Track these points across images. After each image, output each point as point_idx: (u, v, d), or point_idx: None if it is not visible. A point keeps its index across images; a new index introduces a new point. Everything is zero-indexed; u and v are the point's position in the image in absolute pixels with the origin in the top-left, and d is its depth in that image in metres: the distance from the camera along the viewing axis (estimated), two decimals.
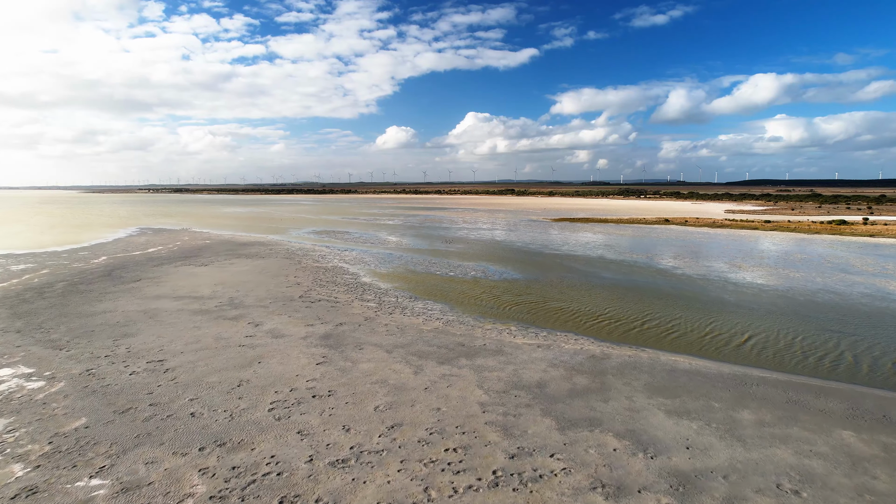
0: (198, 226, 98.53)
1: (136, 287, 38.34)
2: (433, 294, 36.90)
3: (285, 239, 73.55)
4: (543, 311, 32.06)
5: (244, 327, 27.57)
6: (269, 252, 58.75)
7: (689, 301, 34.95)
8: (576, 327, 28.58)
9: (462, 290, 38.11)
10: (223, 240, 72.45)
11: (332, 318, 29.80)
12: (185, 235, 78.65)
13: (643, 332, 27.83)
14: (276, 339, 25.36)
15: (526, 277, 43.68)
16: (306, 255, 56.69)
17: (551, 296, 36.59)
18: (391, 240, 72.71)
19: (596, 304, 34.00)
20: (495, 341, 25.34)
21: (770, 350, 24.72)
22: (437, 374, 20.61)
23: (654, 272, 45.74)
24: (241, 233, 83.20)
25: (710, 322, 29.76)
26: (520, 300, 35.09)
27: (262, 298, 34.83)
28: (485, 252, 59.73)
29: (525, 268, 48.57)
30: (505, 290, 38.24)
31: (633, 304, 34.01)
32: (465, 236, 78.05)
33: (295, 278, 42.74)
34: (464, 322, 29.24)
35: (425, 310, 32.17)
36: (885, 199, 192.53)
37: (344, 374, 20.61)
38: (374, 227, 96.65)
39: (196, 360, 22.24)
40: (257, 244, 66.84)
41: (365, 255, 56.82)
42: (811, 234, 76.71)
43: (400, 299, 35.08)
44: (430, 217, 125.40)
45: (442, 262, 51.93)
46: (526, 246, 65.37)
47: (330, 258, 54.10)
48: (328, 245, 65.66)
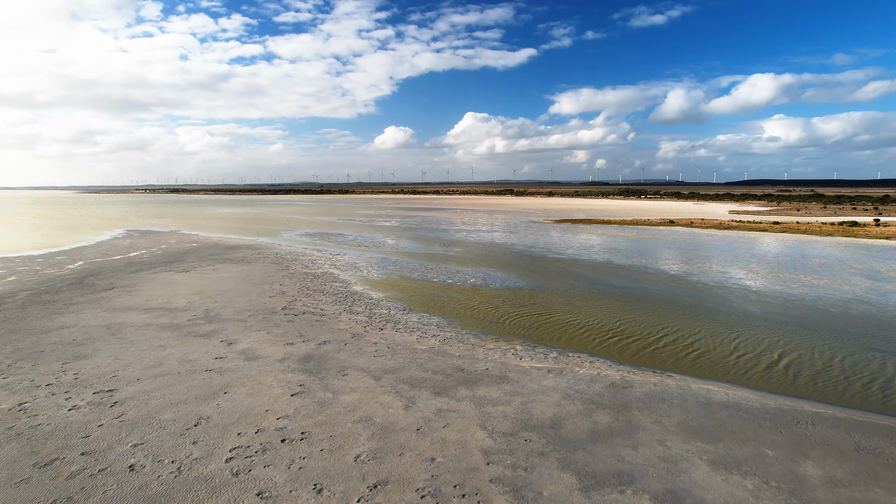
0: (187, 227, 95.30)
1: (106, 297, 35.17)
2: (429, 305, 33.78)
3: (276, 242, 70.37)
4: (551, 326, 28.96)
5: (215, 346, 24.44)
6: (257, 256, 55.58)
7: (708, 313, 31.88)
8: (589, 345, 25.48)
9: (461, 301, 35.01)
10: (211, 243, 69.26)
11: (316, 334, 26.67)
12: (172, 238, 75.44)
13: (664, 350, 24.75)
14: (249, 362, 22.23)
15: (529, 285, 40.58)
16: (295, 259, 53.54)
17: (558, 307, 33.51)
18: (386, 243, 69.59)
19: (608, 317, 30.91)
20: (499, 364, 22.23)
21: (807, 372, 21.65)
22: (431, 410, 17.50)
23: (667, 279, 42.68)
24: (230, 235, 80.00)
25: (735, 338, 26.70)
26: (524, 312, 31.99)
27: (242, 310, 31.69)
28: (485, 256, 56.64)
29: (528, 274, 45.47)
30: (507, 300, 35.16)
31: (648, 317, 30.94)
32: (463, 239, 74.95)
33: (280, 286, 39.60)
34: (463, 339, 26.12)
35: (420, 324, 29.04)
36: (889, 200, 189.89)
37: (322, 409, 17.49)
38: (369, 228, 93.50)
39: (152, 389, 19.11)
40: (245, 248, 63.66)
41: (358, 259, 53.69)
42: (824, 237, 73.73)
43: (392, 311, 31.95)
44: (428, 218, 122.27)
45: (439, 267, 48.81)
46: (528, 249, 62.27)
47: (320, 263, 50.94)
48: (320, 249, 62.51)
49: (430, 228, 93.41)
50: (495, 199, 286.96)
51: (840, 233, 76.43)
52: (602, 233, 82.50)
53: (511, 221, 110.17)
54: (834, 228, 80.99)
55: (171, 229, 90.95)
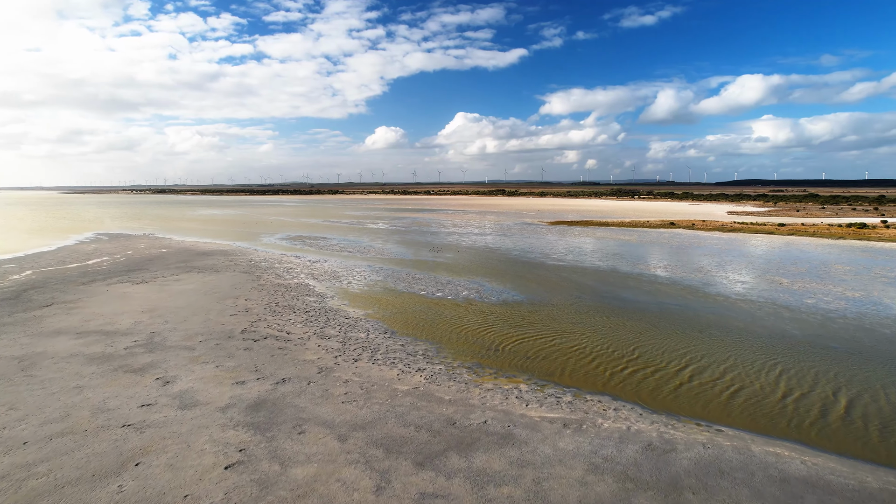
0: (163, 230, 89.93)
1: (39, 316, 30.16)
2: (415, 326, 29.05)
3: (253, 247, 65.32)
4: (558, 354, 24.36)
5: (147, 387, 19.60)
6: (228, 264, 50.59)
7: (738, 334, 27.43)
8: (608, 383, 20.88)
9: (452, 320, 30.33)
10: (182, 248, 64.12)
11: (275, 368, 21.89)
12: (142, 243, 70.17)
13: (698, 389, 20.23)
14: (182, 412, 17.43)
15: (529, 299, 35.99)
16: (270, 268, 48.61)
17: (564, 327, 28.92)
18: (372, 247, 64.75)
19: (623, 340, 26.38)
20: (500, 414, 17.57)
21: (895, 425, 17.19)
22: (412, 495, 12.81)
23: (682, 291, 38.25)
24: (206, 239, 74.82)
25: (780, 370, 22.25)
26: (525, 335, 27.36)
27: (193, 334, 26.82)
28: (478, 263, 51.99)
29: (527, 285, 40.88)
30: (505, 319, 30.53)
31: (669, 339, 26.43)
32: (454, 243, 70.27)
33: (246, 301, 34.74)
34: (455, 375, 21.43)
35: (403, 353, 24.31)
36: (885, 200, 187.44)
37: (263, 494, 12.76)
38: (355, 231, 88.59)
39: (40, 459, 14.29)
40: (218, 253, 58.61)
41: (339, 267, 48.84)
42: (835, 240, 69.79)
43: (371, 335, 27.18)
44: (418, 220, 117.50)
45: (428, 277, 44.09)
46: (524, 255, 57.70)
47: (296, 272, 46.04)
48: (299, 255, 57.58)
49: (420, 231, 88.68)
50: (487, 199, 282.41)
51: (851, 235, 72.54)
52: (601, 236, 78.14)
53: (504, 223, 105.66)
54: (844, 231, 77.13)
55: (144, 232, 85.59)
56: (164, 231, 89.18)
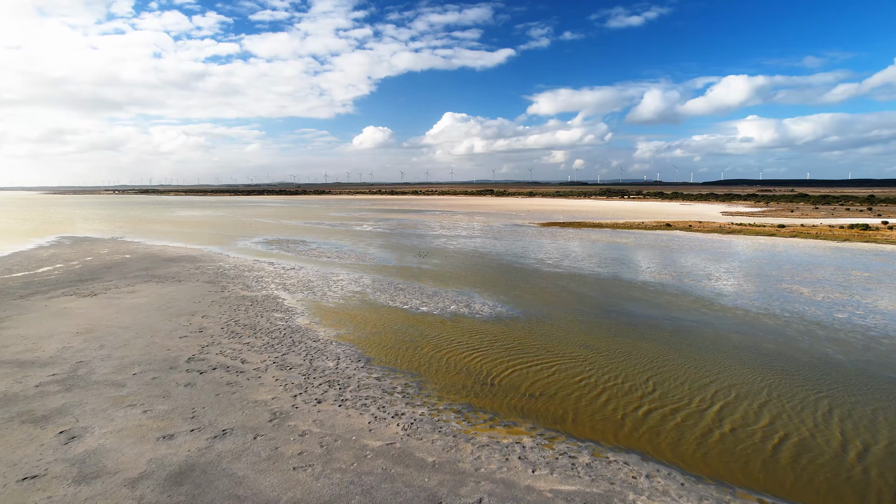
0: (133, 233, 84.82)
1: None
2: (395, 350, 24.84)
3: (225, 252, 60.66)
4: (564, 389, 20.31)
5: (44, 445, 15.23)
6: (193, 272, 46.01)
7: (772, 359, 23.59)
8: (631, 433, 16.85)
9: (438, 341, 26.16)
10: (148, 253, 59.32)
11: (217, 414, 17.58)
12: (106, 247, 65.19)
13: (743, 443, 16.29)
14: (76, 488, 13.11)
15: (525, 313, 31.93)
16: (239, 276, 44.12)
17: (567, 350, 24.90)
18: (353, 252, 60.36)
19: (637, 369, 22.41)
20: (500, 487, 13.43)
21: None
22: None
23: (695, 303, 34.43)
24: (176, 243, 69.93)
25: (839, 414, 18.39)
26: (524, 362, 23.29)
27: (128, 364, 22.41)
28: (467, 270, 47.87)
29: (521, 296, 36.84)
30: (499, 340, 26.43)
31: (691, 367, 22.51)
32: (442, 246, 66.08)
33: (202, 319, 30.32)
34: (440, 423, 17.25)
35: (378, 390, 20.09)
36: (876, 200, 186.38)
37: None
38: (337, 234, 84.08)
39: None
40: (186, 260, 53.94)
41: (314, 276, 44.45)
42: (840, 242, 66.62)
43: (342, 364, 22.92)
44: (404, 221, 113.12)
45: (412, 287, 39.88)
46: (517, 261, 53.67)
47: (266, 282, 41.60)
48: (273, 261, 53.06)
49: (405, 234, 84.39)
50: (475, 199, 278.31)
51: (856, 237, 69.45)
52: (596, 239, 74.38)
53: (494, 225, 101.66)
54: (848, 232, 74.09)
55: (112, 236, 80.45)
56: (135, 234, 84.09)
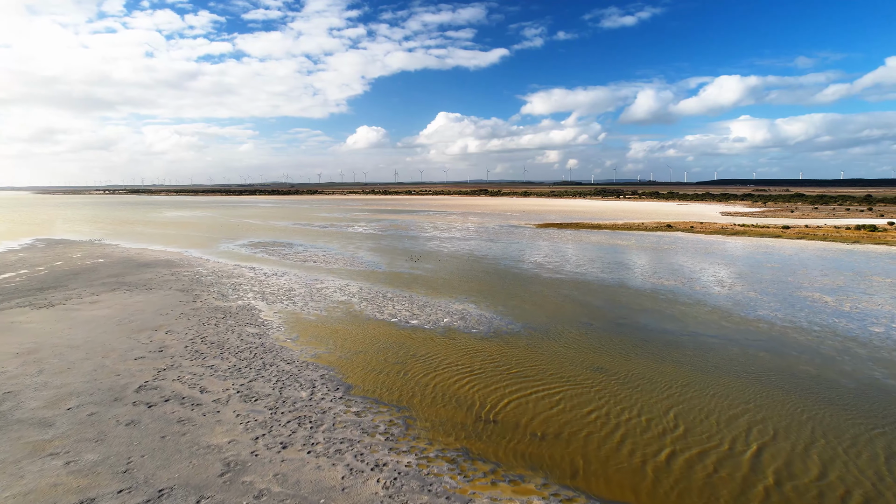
0: (113, 236, 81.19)
1: None
2: (379, 375, 21.67)
3: (205, 255, 57.27)
4: (575, 426, 17.25)
5: None
6: (168, 279, 42.67)
7: (812, 386, 20.64)
8: (657, 489, 13.80)
9: (429, 363, 23.02)
10: (124, 257, 55.89)
11: (156, 466, 14.39)
12: (81, 251, 61.67)
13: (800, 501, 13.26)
14: None
15: (526, 328, 28.84)
16: (215, 284, 40.82)
17: (576, 374, 21.83)
18: (341, 256, 57.09)
19: (657, 398, 19.39)
20: None
21: None
22: None
23: (713, 314, 31.45)
24: (156, 246, 66.44)
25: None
26: (527, 388, 20.21)
27: (66, 395, 19.17)
28: (462, 277, 44.74)
29: (521, 307, 33.75)
30: (498, 361, 23.33)
31: (719, 396, 19.52)
32: (435, 250, 62.92)
33: (166, 335, 27.07)
34: (432, 479, 14.11)
35: (357, 430, 16.92)
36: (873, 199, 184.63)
37: None
38: (326, 236, 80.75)
39: None
40: (162, 265, 50.56)
41: (296, 283, 41.20)
42: (850, 244, 63.95)
43: (317, 394, 19.73)
44: (397, 222, 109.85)
45: (402, 296, 36.71)
46: (515, 265, 50.58)
47: (244, 290, 38.33)
48: (255, 266, 49.74)
49: (397, 236, 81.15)
50: (469, 199, 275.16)
51: (866, 239, 66.80)
52: (596, 241, 71.40)
53: (489, 226, 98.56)
54: (857, 234, 71.45)
55: (91, 238, 76.80)
56: (115, 236, 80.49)
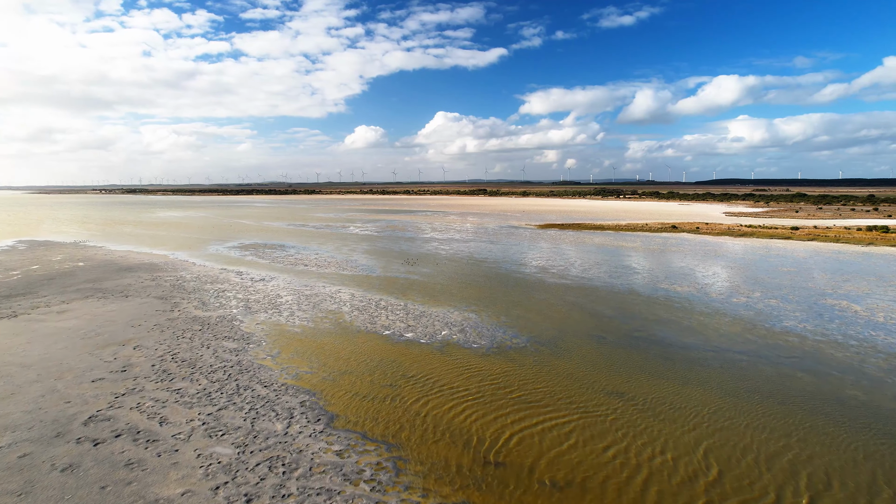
0: (100, 237, 78.39)
1: None
2: (366, 404, 18.97)
3: (192, 258, 54.53)
4: (593, 471, 14.65)
5: None
6: (147, 285, 39.95)
7: (867, 416, 18.09)
8: None
9: (424, 386, 20.35)
10: (106, 261, 53.14)
11: None
12: (62, 253, 58.90)
13: None
14: None
15: (534, 342, 26.18)
16: (198, 290, 38.11)
17: (591, 399, 19.19)
18: (334, 259, 54.38)
19: (689, 432, 16.78)
20: None
21: None
22: None
23: (735, 325, 28.81)
24: (143, 248, 63.68)
25: None
26: (536, 419, 17.56)
27: (1, 428, 16.45)
28: (461, 282, 42.08)
29: (526, 316, 31.08)
30: (502, 383, 20.67)
31: (764, 430, 16.92)
32: (433, 252, 60.23)
33: (133, 351, 24.37)
34: None
35: (338, 476, 14.24)
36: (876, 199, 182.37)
37: None
38: (320, 238, 78.01)
39: None
40: (144, 269, 47.83)
41: (284, 290, 38.49)
42: (865, 247, 61.42)
43: (293, 427, 17.03)
44: (394, 223, 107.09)
45: (396, 304, 34.03)
46: (517, 270, 47.92)
47: (227, 298, 35.62)
48: (242, 270, 47.01)
49: (394, 237, 78.44)
50: (468, 199, 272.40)
51: (881, 241, 64.24)
52: (600, 243, 68.75)
53: (489, 227, 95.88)
54: (870, 235, 68.88)
55: (76, 240, 73.98)
56: (102, 237, 77.70)
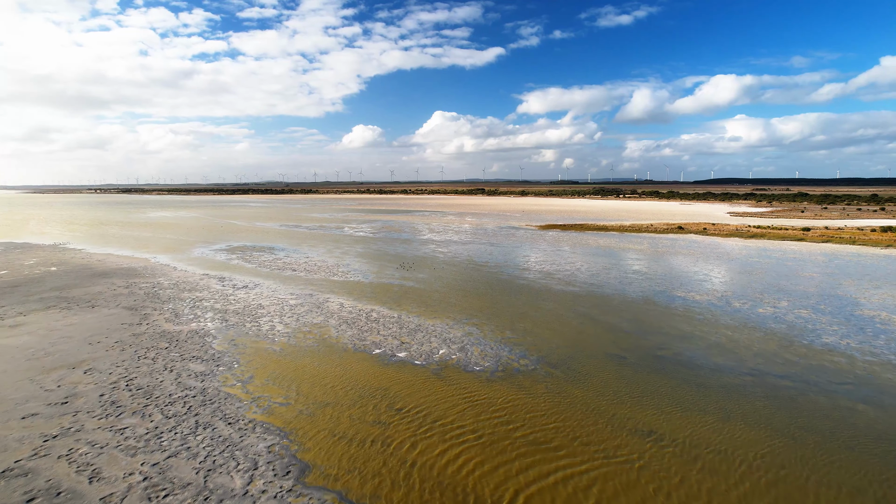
0: (83, 239, 74.96)
1: None
2: (348, 449, 15.74)
3: (174, 263, 51.21)
4: None
5: None
6: (120, 293, 36.68)
7: None
8: None
9: (417, 423, 17.14)
10: (81, 265, 49.81)
11: None
12: (36, 257, 55.54)
13: None
14: None
15: (544, 363, 22.99)
16: (173, 299, 34.85)
17: (616, 440, 16.04)
18: (325, 264, 51.12)
19: (742, 487, 13.60)
20: None
21: None
22: None
23: (770, 342, 25.68)
24: (124, 251, 60.32)
25: None
26: (550, 467, 14.42)
27: None
28: (460, 290, 38.89)
29: (534, 331, 27.89)
30: (510, 417, 17.50)
31: (836, 488, 13.77)
32: (430, 255, 57.01)
33: (83, 376, 21.12)
34: None
35: None
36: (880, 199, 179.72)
37: None
38: (312, 239, 74.69)
39: None
40: (121, 274, 44.54)
41: (268, 298, 35.25)
42: (885, 249, 58.50)
43: (255, 485, 13.79)
44: (390, 223, 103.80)
45: (389, 317, 30.81)
46: (521, 275, 44.73)
47: (203, 308, 32.36)
48: (225, 276, 43.73)
49: (390, 239, 75.16)
50: (466, 199, 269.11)
51: None
52: (606, 245, 65.60)
53: (488, 228, 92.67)
54: (887, 237, 65.80)
55: (56, 242, 70.55)
56: (85, 239, 74.28)
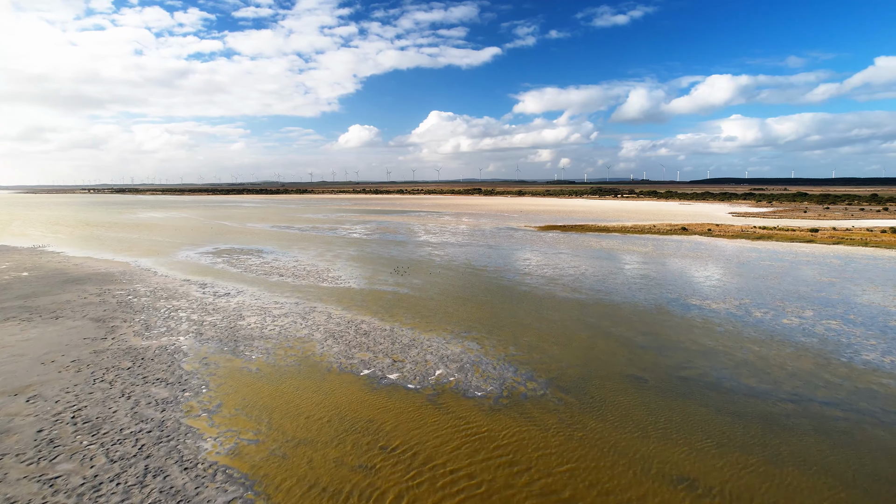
0: (64, 241, 71.87)
1: None
2: (326, 499, 13.05)
3: (155, 266, 48.33)
4: None
5: None
6: (90, 302, 33.86)
7: None
8: None
9: (406, 468, 14.47)
10: (55, 270, 46.89)
11: None
12: (10, 261, 52.60)
13: None
14: None
15: (554, 387, 20.33)
16: (146, 308, 32.05)
17: (645, 488, 13.42)
18: (315, 268, 48.33)
19: None
20: None
21: None
22: None
23: (803, 359, 23.11)
24: (104, 254, 57.38)
25: None
26: None
27: None
28: (459, 297, 36.20)
29: (541, 346, 25.22)
30: (516, 459, 14.86)
31: None
32: (426, 259, 54.29)
33: (24, 405, 18.36)
34: None
35: None
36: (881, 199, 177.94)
37: None
38: (304, 241, 71.83)
39: None
40: (95, 280, 41.66)
41: (250, 308, 32.48)
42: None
43: None
44: (385, 224, 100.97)
45: (380, 329, 28.08)
46: (523, 281, 42.06)
47: (178, 320, 29.57)
48: (207, 282, 40.90)
49: (384, 241, 72.39)
50: (463, 199, 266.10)
51: None
52: (609, 247, 62.99)
53: (486, 229, 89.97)
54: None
55: (35, 244, 67.52)
56: (66, 242, 71.22)
